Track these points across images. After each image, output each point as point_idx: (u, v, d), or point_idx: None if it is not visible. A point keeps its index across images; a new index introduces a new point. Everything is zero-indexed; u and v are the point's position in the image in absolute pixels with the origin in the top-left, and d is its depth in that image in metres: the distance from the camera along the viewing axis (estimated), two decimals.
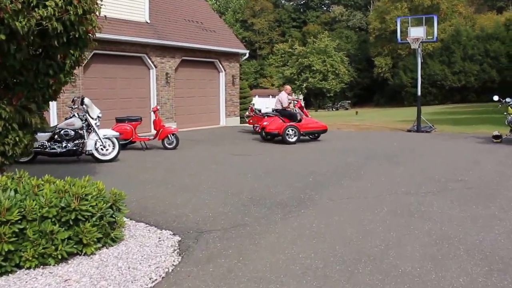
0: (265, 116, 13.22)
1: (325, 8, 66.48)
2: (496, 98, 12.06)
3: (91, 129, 8.90)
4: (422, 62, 16.11)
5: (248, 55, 19.83)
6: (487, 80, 39.05)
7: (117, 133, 9.35)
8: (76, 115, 8.93)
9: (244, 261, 3.84)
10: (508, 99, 11.70)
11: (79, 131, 8.87)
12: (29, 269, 3.61)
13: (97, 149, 8.91)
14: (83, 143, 8.86)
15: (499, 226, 4.74)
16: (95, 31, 5.11)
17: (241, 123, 18.60)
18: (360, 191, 6.37)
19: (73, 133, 8.83)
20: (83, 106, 8.78)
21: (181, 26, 16.61)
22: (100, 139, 8.89)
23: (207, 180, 7.16)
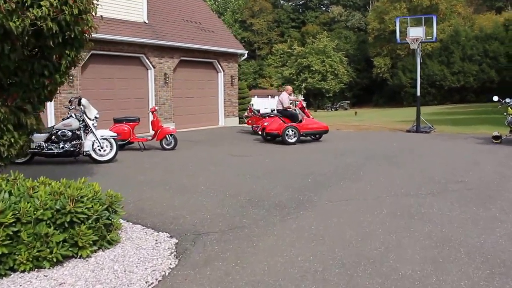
0: (264, 116, 13.20)
1: (324, 8, 66.49)
2: (496, 98, 12.01)
3: (89, 129, 8.86)
4: (421, 62, 16.09)
5: (247, 55, 19.83)
6: (486, 80, 39.05)
7: (115, 134, 9.30)
8: (73, 115, 8.89)
9: (242, 264, 3.79)
10: (508, 100, 11.66)
11: (76, 132, 8.83)
12: (24, 272, 3.56)
13: (94, 150, 8.86)
14: (81, 144, 8.82)
15: (500, 228, 4.69)
16: (91, 31, 5.08)
17: (240, 123, 18.56)
18: (359, 192, 6.32)
19: (70, 133, 8.79)
20: (81, 106, 8.74)
21: (180, 26, 16.56)
22: (97, 139, 8.85)
23: (205, 181, 7.11)
